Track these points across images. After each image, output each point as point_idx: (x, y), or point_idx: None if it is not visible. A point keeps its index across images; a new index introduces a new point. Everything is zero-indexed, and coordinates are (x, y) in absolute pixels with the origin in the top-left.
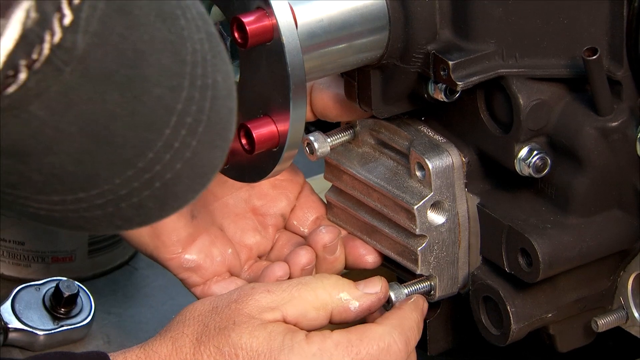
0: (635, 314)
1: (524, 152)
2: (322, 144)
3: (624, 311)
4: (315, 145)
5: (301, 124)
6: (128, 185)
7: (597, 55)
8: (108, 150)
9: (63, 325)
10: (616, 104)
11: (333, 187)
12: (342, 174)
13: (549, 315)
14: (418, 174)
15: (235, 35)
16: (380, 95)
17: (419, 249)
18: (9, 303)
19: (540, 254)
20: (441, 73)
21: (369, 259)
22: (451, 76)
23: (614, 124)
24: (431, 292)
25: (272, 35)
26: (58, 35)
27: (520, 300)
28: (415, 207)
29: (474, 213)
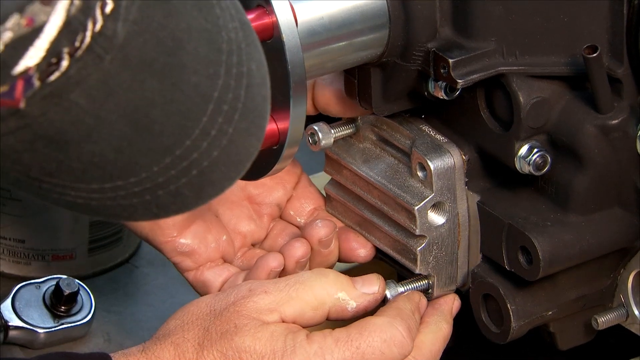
0: (636, 312)
1: (524, 150)
2: (327, 135)
3: (624, 309)
4: (320, 135)
5: (301, 121)
6: (166, 173)
7: (597, 53)
8: (147, 138)
9: (63, 323)
10: (616, 101)
11: (332, 180)
12: (343, 169)
13: (549, 313)
14: (419, 174)
15: None
16: (380, 93)
17: (419, 248)
18: (9, 301)
19: (540, 251)
20: (441, 71)
21: (360, 252)
22: (451, 74)
23: (614, 122)
24: (429, 291)
25: (273, 33)
26: (100, 23)
27: (520, 298)
28: (416, 208)
29: (474, 211)
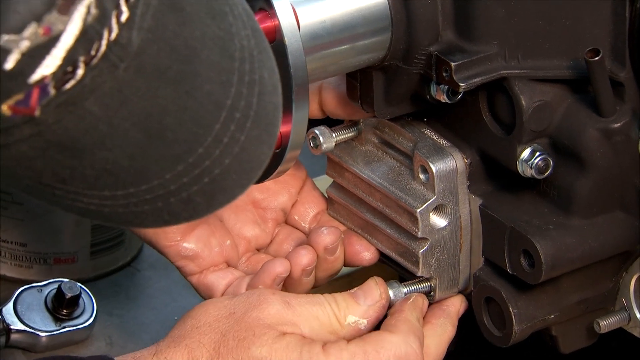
0: (638, 315)
1: (526, 154)
2: (328, 138)
3: (626, 312)
4: (321, 139)
5: (304, 125)
6: (178, 181)
7: (600, 56)
8: (160, 145)
9: (65, 327)
10: (619, 105)
11: (334, 183)
12: (345, 172)
13: (552, 316)
14: (421, 176)
15: None
16: (382, 97)
17: (421, 251)
18: (11, 304)
19: (542, 255)
20: (443, 74)
21: (365, 255)
22: (453, 77)
23: (616, 125)
24: (431, 293)
25: (275, 36)
26: (115, 31)
27: (522, 301)
28: (418, 211)
29: (476, 214)
